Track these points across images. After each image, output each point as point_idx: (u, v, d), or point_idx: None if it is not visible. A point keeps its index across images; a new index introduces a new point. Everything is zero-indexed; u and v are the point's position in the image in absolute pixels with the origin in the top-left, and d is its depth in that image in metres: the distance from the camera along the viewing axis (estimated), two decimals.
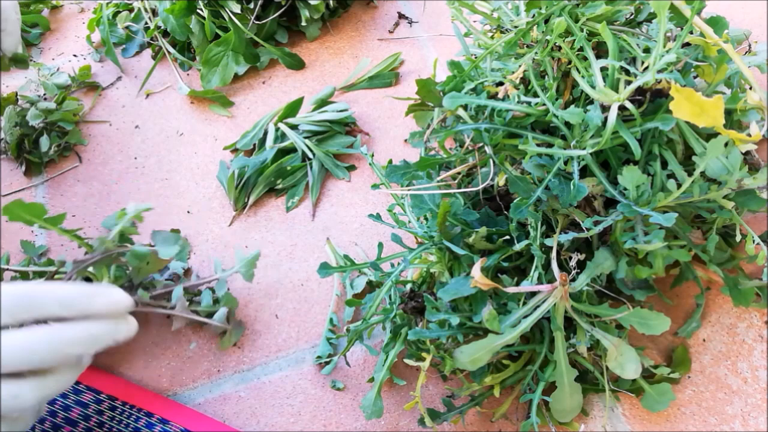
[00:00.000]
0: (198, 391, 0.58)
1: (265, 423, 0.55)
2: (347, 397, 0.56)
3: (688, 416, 0.52)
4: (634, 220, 0.49)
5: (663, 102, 0.48)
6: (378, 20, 0.87)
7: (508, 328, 0.47)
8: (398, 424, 0.54)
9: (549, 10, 0.50)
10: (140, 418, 0.55)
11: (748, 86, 0.50)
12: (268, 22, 0.82)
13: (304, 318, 0.61)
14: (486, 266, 0.49)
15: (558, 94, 0.52)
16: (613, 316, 0.48)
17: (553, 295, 0.47)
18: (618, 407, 0.53)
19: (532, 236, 0.49)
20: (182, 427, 0.54)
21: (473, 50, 0.64)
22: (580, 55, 0.51)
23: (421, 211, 0.53)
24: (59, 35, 0.93)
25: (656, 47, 0.47)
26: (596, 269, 0.49)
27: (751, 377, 0.53)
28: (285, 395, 0.57)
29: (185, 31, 0.82)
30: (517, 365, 0.52)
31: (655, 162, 0.49)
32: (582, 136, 0.48)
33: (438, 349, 0.50)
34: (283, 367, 0.59)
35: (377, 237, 0.66)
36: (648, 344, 0.55)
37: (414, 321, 0.53)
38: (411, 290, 0.54)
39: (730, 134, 0.45)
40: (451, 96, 0.51)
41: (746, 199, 0.49)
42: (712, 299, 0.57)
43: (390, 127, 0.75)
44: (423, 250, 0.52)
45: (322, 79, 0.81)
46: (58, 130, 0.77)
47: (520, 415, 0.53)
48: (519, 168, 0.53)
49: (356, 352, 0.58)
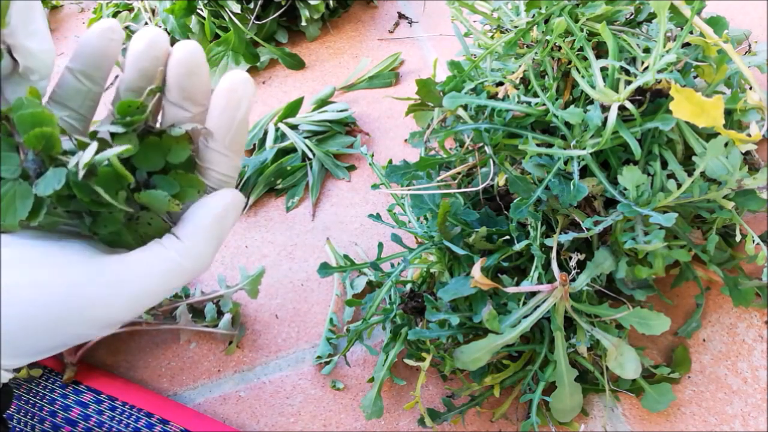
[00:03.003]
0: (198, 391, 0.58)
1: (265, 423, 0.55)
2: (347, 397, 0.56)
3: (688, 416, 0.52)
4: (634, 220, 0.49)
5: (663, 102, 0.48)
6: (378, 20, 0.87)
7: (508, 328, 0.47)
8: (398, 424, 0.54)
9: (549, 10, 0.50)
10: (140, 418, 0.55)
11: (748, 86, 0.50)
12: (268, 22, 0.82)
13: (304, 318, 0.61)
14: (486, 266, 0.49)
15: (558, 94, 0.52)
16: (613, 316, 0.48)
17: (553, 295, 0.47)
18: (618, 407, 0.53)
19: (532, 236, 0.49)
20: (182, 427, 0.54)
21: (473, 50, 0.64)
22: (580, 55, 0.51)
23: (421, 211, 0.53)
24: (59, 35, 0.93)
25: (656, 47, 0.47)
26: (596, 269, 0.49)
27: (751, 377, 0.53)
28: (285, 395, 0.57)
29: (185, 31, 0.82)
30: (517, 365, 0.52)
31: (655, 162, 0.49)
32: (582, 136, 0.48)
33: (438, 349, 0.50)
34: (283, 367, 0.59)
35: (377, 237, 0.66)
36: (648, 344, 0.55)
37: (414, 321, 0.53)
38: (411, 290, 0.54)
39: (730, 134, 0.45)
40: (451, 96, 0.51)
41: (746, 199, 0.49)
42: (712, 299, 0.57)
43: (390, 127, 0.75)
44: (423, 250, 0.52)
45: (322, 79, 0.81)
46: None
47: (520, 415, 0.53)
48: (519, 168, 0.53)
49: (356, 352, 0.58)
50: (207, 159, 0.36)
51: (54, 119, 0.31)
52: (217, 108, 0.35)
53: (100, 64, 0.36)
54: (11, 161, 0.31)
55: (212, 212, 0.34)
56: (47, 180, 0.31)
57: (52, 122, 0.31)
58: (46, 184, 0.31)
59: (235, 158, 0.36)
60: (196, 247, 0.34)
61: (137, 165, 0.34)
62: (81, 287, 0.31)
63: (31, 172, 0.31)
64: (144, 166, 0.34)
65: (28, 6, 0.34)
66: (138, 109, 0.34)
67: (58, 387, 0.57)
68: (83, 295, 0.31)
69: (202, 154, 0.36)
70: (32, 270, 0.31)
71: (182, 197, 0.34)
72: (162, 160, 0.34)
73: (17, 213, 0.31)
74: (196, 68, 0.35)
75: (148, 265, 0.33)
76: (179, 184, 0.34)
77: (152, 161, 0.34)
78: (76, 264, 0.32)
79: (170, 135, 0.34)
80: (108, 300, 0.32)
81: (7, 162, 0.31)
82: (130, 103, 0.34)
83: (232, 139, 0.35)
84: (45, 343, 0.32)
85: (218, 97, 0.35)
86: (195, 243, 0.34)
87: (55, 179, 0.31)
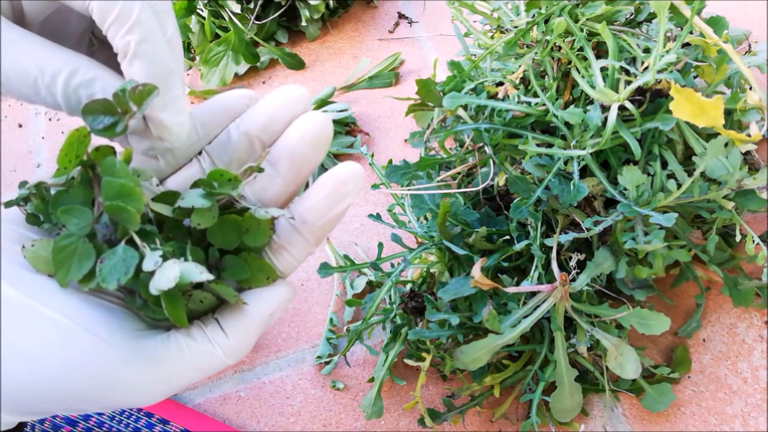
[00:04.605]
0: (198, 391, 0.58)
1: (265, 423, 0.55)
2: (347, 397, 0.56)
3: (688, 416, 0.52)
4: (634, 220, 0.49)
5: (663, 102, 0.48)
6: (378, 20, 0.87)
7: (508, 328, 0.47)
8: (398, 424, 0.54)
9: (549, 10, 0.50)
10: (140, 418, 0.55)
11: (748, 86, 0.50)
12: (268, 22, 0.82)
13: (304, 318, 0.61)
14: (486, 266, 0.49)
15: (558, 94, 0.52)
16: (613, 316, 0.48)
17: (553, 295, 0.47)
18: (618, 407, 0.53)
19: (532, 236, 0.49)
20: (182, 427, 0.54)
21: (473, 50, 0.64)
22: (580, 55, 0.51)
23: (421, 211, 0.53)
24: None
25: (656, 47, 0.47)
26: (596, 269, 0.49)
27: (751, 377, 0.53)
28: (285, 395, 0.57)
29: (185, 31, 0.82)
30: (517, 365, 0.52)
31: (655, 162, 0.49)
32: (582, 136, 0.48)
33: (438, 349, 0.50)
34: (283, 367, 0.59)
35: (377, 237, 0.66)
36: (648, 344, 0.55)
37: (414, 321, 0.53)
38: (411, 290, 0.54)
39: (730, 134, 0.45)
40: (451, 96, 0.51)
41: (746, 199, 0.49)
42: (712, 299, 0.57)
43: (390, 127, 0.75)
44: (423, 250, 0.52)
45: (322, 79, 0.81)
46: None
47: (520, 415, 0.53)
48: (519, 168, 0.53)
49: (356, 352, 0.58)
50: (286, 239, 0.33)
51: (142, 200, 0.28)
52: (322, 192, 0.33)
53: (221, 122, 0.34)
54: (83, 216, 0.29)
55: (267, 312, 0.32)
56: (114, 266, 0.28)
57: (140, 202, 0.28)
58: (111, 271, 0.28)
59: (313, 246, 0.33)
60: (241, 348, 0.31)
61: (210, 239, 0.31)
62: (114, 369, 0.28)
63: (99, 236, 0.29)
64: (216, 242, 0.31)
65: (168, 72, 0.31)
66: (230, 182, 0.31)
67: None
68: (115, 378, 0.28)
69: (281, 232, 0.33)
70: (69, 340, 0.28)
71: (250, 283, 0.31)
72: (237, 240, 0.31)
73: (70, 272, 0.28)
74: (323, 147, 0.33)
75: (192, 360, 0.30)
76: (250, 269, 0.31)
77: (227, 240, 0.31)
78: (115, 341, 0.29)
79: (254, 216, 0.31)
80: (138, 388, 0.29)
81: (79, 216, 0.29)
82: (224, 173, 0.31)
83: (321, 228, 0.33)
84: (52, 409, 0.29)
85: (326, 182, 0.33)
86: (242, 344, 0.31)
87: (122, 268, 0.28)
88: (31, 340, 0.28)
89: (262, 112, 0.34)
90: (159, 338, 0.30)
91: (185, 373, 0.30)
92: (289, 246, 0.33)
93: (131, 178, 0.29)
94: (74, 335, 0.28)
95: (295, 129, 0.33)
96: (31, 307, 0.28)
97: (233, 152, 0.34)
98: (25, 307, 0.28)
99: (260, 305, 0.31)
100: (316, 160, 0.34)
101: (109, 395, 0.29)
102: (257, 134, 0.34)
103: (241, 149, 0.34)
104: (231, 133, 0.34)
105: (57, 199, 0.29)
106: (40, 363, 0.27)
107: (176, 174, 0.35)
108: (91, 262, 0.28)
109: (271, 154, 0.33)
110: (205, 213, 0.30)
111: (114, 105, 0.30)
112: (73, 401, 0.28)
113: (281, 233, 0.33)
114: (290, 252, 0.33)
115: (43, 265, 0.29)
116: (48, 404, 0.28)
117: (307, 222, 0.33)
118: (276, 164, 0.33)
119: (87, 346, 0.28)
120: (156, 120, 0.31)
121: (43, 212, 0.30)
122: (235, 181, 0.31)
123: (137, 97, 0.29)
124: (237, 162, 0.34)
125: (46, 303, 0.28)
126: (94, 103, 0.30)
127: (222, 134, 0.35)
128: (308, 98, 0.34)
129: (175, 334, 0.30)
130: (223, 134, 0.35)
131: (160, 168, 0.34)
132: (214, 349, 0.30)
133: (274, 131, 0.34)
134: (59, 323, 0.28)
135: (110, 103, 0.30)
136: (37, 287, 0.29)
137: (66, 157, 0.29)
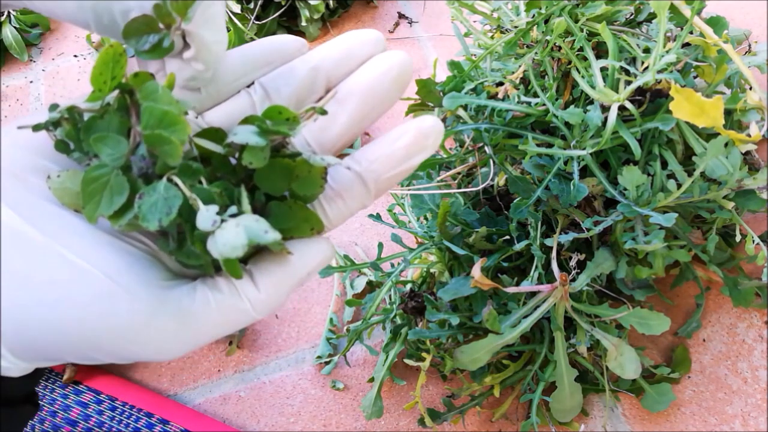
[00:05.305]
0: (198, 392, 0.58)
1: (265, 423, 0.55)
2: (347, 397, 0.56)
3: (688, 416, 0.52)
4: (634, 220, 0.49)
5: (663, 102, 0.48)
6: (378, 20, 0.87)
7: (508, 328, 0.47)
8: (398, 424, 0.54)
9: (549, 10, 0.50)
10: (140, 418, 0.55)
11: (748, 86, 0.50)
12: (268, 22, 0.82)
13: (304, 318, 0.61)
14: (486, 266, 0.49)
15: (558, 94, 0.52)
16: (613, 316, 0.48)
17: (553, 295, 0.47)
18: (618, 407, 0.53)
19: (532, 236, 0.49)
20: (182, 427, 0.54)
21: (473, 50, 0.64)
22: (580, 55, 0.51)
23: (421, 211, 0.53)
24: (59, 35, 0.93)
25: (656, 47, 0.47)
26: (596, 269, 0.49)
27: (751, 377, 0.53)
28: (285, 395, 0.57)
29: None
30: (517, 365, 0.52)
31: (655, 162, 0.49)
32: (582, 136, 0.48)
33: (438, 349, 0.50)
34: (283, 367, 0.59)
35: (377, 237, 0.66)
36: (648, 344, 0.55)
37: (414, 321, 0.53)
38: (411, 290, 0.54)
39: (730, 134, 0.45)
40: (451, 96, 0.51)
41: (746, 199, 0.49)
42: (712, 299, 0.57)
43: (390, 126, 0.75)
44: (423, 250, 0.52)
45: None
46: None
47: (520, 415, 0.53)
48: (519, 168, 0.53)
49: (356, 352, 0.58)
50: (345, 186, 0.29)
51: (187, 130, 0.25)
52: (401, 141, 0.29)
53: (271, 60, 0.32)
54: (118, 146, 0.26)
55: (306, 267, 0.29)
56: (155, 203, 0.25)
57: (184, 132, 0.25)
58: (151, 209, 0.25)
59: (372, 199, 0.30)
60: (272, 303, 0.28)
61: (257, 182, 0.28)
62: (134, 321, 0.26)
63: (135, 168, 0.26)
64: (264, 187, 0.28)
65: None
66: (287, 122, 0.28)
67: (58, 387, 0.57)
68: (134, 329, 0.26)
69: (340, 178, 0.30)
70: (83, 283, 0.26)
71: (293, 233, 0.28)
72: (286, 186, 0.28)
73: (100, 207, 0.25)
74: (403, 87, 0.30)
75: (220, 313, 0.28)
76: (295, 218, 0.28)
77: (275, 185, 0.28)
78: (139, 290, 0.27)
79: (307, 162, 0.28)
80: (159, 342, 0.27)
81: (114, 146, 0.26)
82: (282, 111, 0.28)
83: (388, 180, 0.30)
84: (65, 355, 0.27)
85: (408, 131, 0.30)
86: (273, 298, 0.28)
87: (164, 207, 0.25)
88: (42, 278, 0.26)
89: (338, 47, 0.31)
90: (185, 289, 0.28)
91: (210, 329, 0.28)
92: (346, 194, 0.30)
93: (176, 105, 0.26)
94: (90, 278, 0.26)
95: (377, 63, 0.30)
96: (45, 244, 0.26)
97: (296, 87, 0.31)
98: (38, 244, 0.26)
99: (301, 259, 0.29)
100: (391, 102, 0.31)
101: (128, 346, 0.27)
102: (329, 70, 0.31)
103: (305, 85, 0.31)
104: (296, 68, 0.32)
105: (90, 126, 0.26)
106: (49, 300, 0.26)
107: (215, 109, 0.32)
108: (124, 197, 0.25)
109: (340, 92, 0.30)
110: (257, 152, 0.26)
111: (155, 20, 0.27)
112: (88, 348, 0.27)
113: (340, 179, 0.30)
114: (345, 201, 0.30)
115: (70, 198, 0.26)
116: (60, 349, 0.27)
117: (374, 171, 0.29)
118: (344, 102, 0.30)
119: (103, 292, 0.26)
120: (197, 37, 0.28)
121: (74, 139, 0.27)
122: (294, 121, 0.28)
123: (180, 6, 0.27)
124: (296, 99, 0.31)
125: (64, 242, 0.26)
126: (134, 22, 0.27)
127: (284, 68, 0.32)
128: (385, 43, 0.31)
129: (201, 286, 0.28)
130: (284, 68, 0.32)
131: (201, 100, 0.32)
132: (243, 303, 0.28)
133: (347, 70, 0.31)
134: (74, 264, 0.26)
135: (151, 18, 0.27)
136: (56, 223, 0.26)
137: (101, 77, 0.26)
